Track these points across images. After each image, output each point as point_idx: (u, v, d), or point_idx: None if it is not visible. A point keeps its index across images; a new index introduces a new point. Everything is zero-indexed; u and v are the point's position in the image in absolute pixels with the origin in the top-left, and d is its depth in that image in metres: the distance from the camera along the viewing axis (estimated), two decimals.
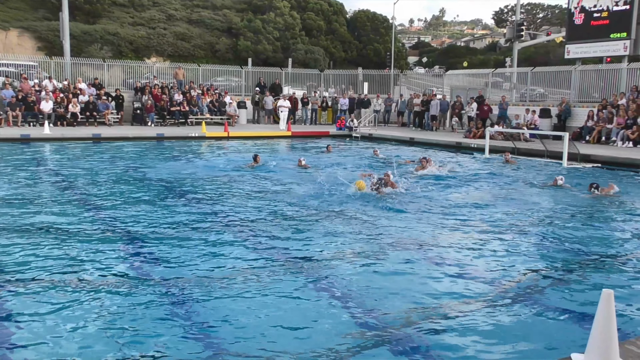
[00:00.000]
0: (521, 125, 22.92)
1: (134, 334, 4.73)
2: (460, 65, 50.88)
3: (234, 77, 33.19)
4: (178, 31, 49.37)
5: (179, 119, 26.56)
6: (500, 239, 8.05)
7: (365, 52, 55.95)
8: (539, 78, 27.77)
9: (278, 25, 51.01)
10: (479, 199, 11.05)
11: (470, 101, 26.36)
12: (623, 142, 20.03)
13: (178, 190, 11.60)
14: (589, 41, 25.17)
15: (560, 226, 9.02)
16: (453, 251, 7.37)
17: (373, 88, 34.01)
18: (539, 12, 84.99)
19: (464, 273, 6.48)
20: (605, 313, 3.29)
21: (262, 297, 5.57)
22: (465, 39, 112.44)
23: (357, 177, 12.40)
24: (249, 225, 8.54)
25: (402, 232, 8.32)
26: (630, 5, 23.39)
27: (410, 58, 71.96)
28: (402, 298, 5.64)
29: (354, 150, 20.31)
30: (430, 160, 14.90)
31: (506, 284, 6.16)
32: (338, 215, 9.40)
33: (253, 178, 13.23)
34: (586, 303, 5.50)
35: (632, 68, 23.94)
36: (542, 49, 55.85)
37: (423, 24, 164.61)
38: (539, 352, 4.50)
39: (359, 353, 4.50)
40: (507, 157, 16.67)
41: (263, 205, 10.06)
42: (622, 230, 8.83)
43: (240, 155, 18.04)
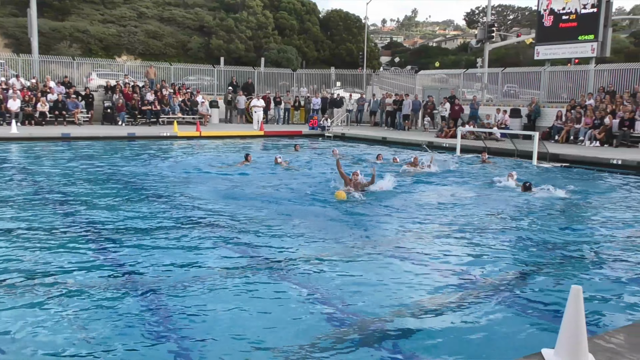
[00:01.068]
0: (492, 125, 23.22)
1: (106, 336, 4.66)
2: (433, 66, 51.38)
3: (206, 76, 32.96)
4: (149, 29, 48.81)
5: (150, 118, 26.27)
6: (470, 238, 8.14)
7: (338, 52, 56.03)
8: (509, 78, 28.18)
9: (251, 24, 50.78)
10: (452, 199, 11.17)
11: (443, 101, 26.61)
12: (590, 142, 20.44)
13: (150, 190, 11.47)
14: (557, 43, 25.61)
15: (528, 224, 9.16)
16: (425, 250, 7.43)
17: (346, 87, 34.09)
18: (510, 14, 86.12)
19: (436, 271, 6.54)
20: (574, 309, 3.35)
21: (237, 297, 5.54)
22: (437, 39, 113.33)
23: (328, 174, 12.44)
24: (225, 225, 8.49)
25: (376, 232, 8.37)
26: (598, 8, 23.89)
27: (382, 58, 72.27)
28: (375, 296, 5.66)
29: (322, 149, 20.33)
30: (417, 159, 15.28)
31: (477, 281, 6.23)
32: (314, 214, 9.41)
33: (229, 177, 13.16)
34: (556, 299, 5.60)
35: (599, 69, 24.47)
36: (512, 50, 56.66)
37: (395, 24, 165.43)
38: (510, 348, 4.57)
39: (334, 350, 4.51)
40: (484, 157, 16.86)
41: (240, 204, 10.01)
42: (588, 228, 9.01)
43: (214, 154, 17.94)
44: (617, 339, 3.74)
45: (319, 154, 18.64)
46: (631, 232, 8.70)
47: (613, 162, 15.98)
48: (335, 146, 20.46)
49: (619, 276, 6.43)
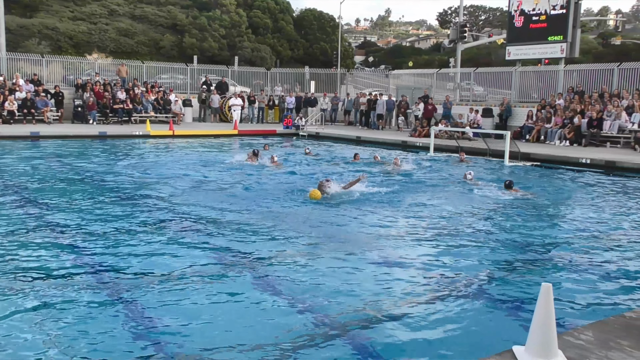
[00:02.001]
0: (465, 124, 23.47)
1: (76, 336, 4.59)
2: (406, 65, 51.69)
3: (179, 74, 32.67)
4: (121, 27, 48.13)
5: (122, 117, 25.95)
6: (442, 237, 8.22)
7: (312, 51, 55.98)
8: (481, 78, 28.51)
9: (224, 23, 50.42)
10: (426, 198, 11.25)
11: (417, 101, 26.81)
12: (560, 141, 20.79)
13: (122, 190, 11.32)
14: (528, 43, 25.99)
15: (499, 223, 9.28)
16: (398, 249, 7.48)
17: (320, 87, 34.12)
18: (481, 15, 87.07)
19: (408, 270, 6.58)
20: (544, 306, 3.40)
21: (211, 298, 5.51)
22: (411, 39, 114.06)
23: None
24: (199, 225, 8.43)
25: (350, 232, 8.39)
26: (567, 9, 24.29)
27: (356, 57, 72.44)
28: (347, 296, 5.68)
29: (293, 148, 20.33)
30: (398, 159, 15.43)
31: (448, 280, 6.29)
32: (289, 215, 9.40)
33: (203, 177, 13.08)
34: (527, 297, 5.68)
35: (568, 70, 24.91)
36: (484, 50, 57.27)
37: (369, 24, 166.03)
38: (481, 345, 4.62)
39: (307, 350, 4.52)
40: (462, 156, 17.01)
41: (216, 205, 9.95)
42: (558, 226, 9.17)
43: (186, 153, 17.79)
44: (586, 335, 3.81)
45: (291, 154, 18.60)
46: (599, 230, 8.88)
47: (582, 161, 16.29)
48: (309, 145, 20.48)
49: (587, 273, 6.56)
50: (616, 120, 20.06)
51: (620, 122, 19.96)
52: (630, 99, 20.66)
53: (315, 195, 10.30)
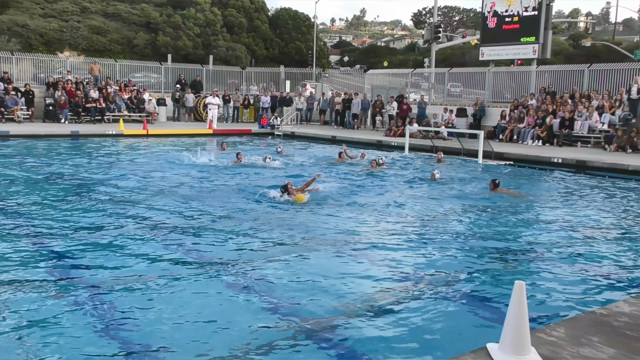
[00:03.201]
0: (439, 124, 23.66)
1: (44, 339, 4.52)
2: (381, 65, 51.91)
3: (153, 73, 32.34)
4: (93, 24, 47.45)
5: (94, 116, 25.59)
6: (417, 235, 8.28)
7: (288, 50, 55.92)
8: (455, 79, 28.76)
9: (198, 21, 50.06)
10: (402, 198, 11.32)
11: (391, 100, 26.95)
12: (533, 141, 21.09)
13: (93, 189, 11.16)
14: (501, 44, 26.33)
15: (473, 221, 9.39)
16: (373, 248, 7.51)
17: (295, 86, 34.09)
18: (455, 15, 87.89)
19: (383, 269, 6.62)
20: (517, 303, 3.45)
21: (181, 297, 5.47)
22: (386, 39, 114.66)
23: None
24: (172, 225, 8.36)
25: (325, 232, 8.40)
26: (538, 11, 24.68)
27: (332, 57, 72.55)
28: (323, 295, 5.69)
29: (255, 147, 20.30)
30: (382, 159, 15.51)
31: (423, 278, 6.34)
32: (263, 214, 9.38)
33: (179, 177, 12.97)
34: (500, 294, 5.75)
35: (540, 70, 25.28)
36: (458, 51, 57.84)
37: (344, 24, 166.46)
38: (456, 342, 4.66)
39: (281, 349, 4.51)
40: (439, 156, 17.12)
41: (186, 205, 9.88)
42: (531, 224, 9.30)
43: (160, 153, 17.63)
44: (558, 332, 3.88)
45: (257, 153, 18.54)
46: (570, 229, 9.03)
47: (554, 161, 16.56)
48: (282, 144, 20.44)
49: (559, 271, 6.67)
50: (587, 121, 20.43)
51: (591, 122, 20.33)
52: (600, 99, 21.05)
53: (300, 199, 10.27)
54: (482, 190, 12.25)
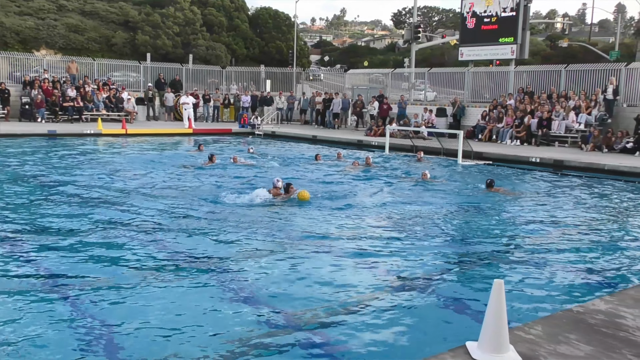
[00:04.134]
0: (419, 124, 23.78)
1: (28, 340, 4.46)
2: (361, 65, 52.06)
3: (132, 72, 32.06)
4: (70, 23, 46.88)
5: (72, 115, 25.28)
6: (397, 235, 8.32)
7: (268, 50, 55.82)
8: (435, 78, 28.94)
9: (178, 20, 49.74)
10: (382, 198, 11.36)
11: (372, 100, 27.02)
12: (512, 141, 21.31)
13: (71, 189, 11.03)
14: (480, 44, 26.51)
15: (452, 220, 9.46)
16: (352, 247, 7.52)
17: (275, 86, 34.04)
18: (435, 16, 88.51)
19: (362, 268, 6.63)
20: (496, 302, 3.48)
21: (164, 298, 5.43)
22: (366, 39, 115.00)
23: None
24: (153, 225, 8.29)
25: (303, 232, 8.39)
26: (516, 12, 24.89)
27: (312, 56, 72.57)
28: (303, 294, 5.69)
29: (232, 146, 20.25)
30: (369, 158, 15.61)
31: (403, 277, 6.37)
32: (244, 214, 9.34)
33: (158, 177, 12.88)
34: (480, 293, 5.80)
35: (518, 71, 25.54)
36: (437, 51, 58.24)
37: (325, 23, 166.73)
38: (435, 341, 4.69)
39: (258, 348, 4.50)
40: (419, 156, 17.19)
41: (168, 205, 9.81)
42: (509, 223, 9.39)
43: (138, 153, 17.49)
44: (536, 330, 3.92)
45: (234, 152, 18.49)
46: (549, 227, 9.14)
47: (532, 160, 16.75)
48: (252, 145, 20.40)
49: (537, 269, 6.74)
50: (564, 121, 20.70)
51: (568, 122, 20.61)
52: (576, 99, 21.34)
53: (304, 196, 10.24)
54: (465, 189, 12.35)
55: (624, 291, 5.06)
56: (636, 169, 14.82)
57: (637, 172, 14.68)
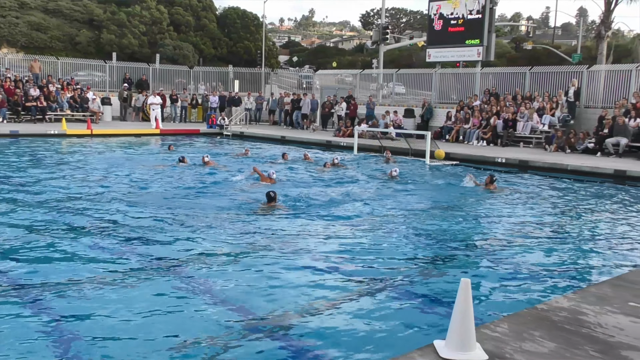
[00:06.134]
0: (388, 124, 23.94)
1: None
2: (330, 65, 52.16)
3: (98, 72, 31.54)
4: (33, 21, 45.88)
5: (35, 115, 24.75)
6: (365, 235, 8.37)
7: (236, 50, 55.51)
8: (403, 79, 29.17)
9: (144, 19, 49.11)
10: (348, 198, 11.40)
11: (340, 100, 27.11)
12: (478, 141, 21.64)
13: (34, 191, 10.79)
14: (447, 46, 26.83)
15: (421, 220, 9.55)
16: (321, 248, 7.53)
17: (244, 86, 33.91)
18: (403, 17, 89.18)
19: (330, 269, 6.64)
20: (463, 301, 3.54)
21: (131, 301, 5.37)
22: (334, 39, 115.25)
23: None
24: (115, 227, 8.18)
25: (274, 233, 8.38)
26: (482, 14, 25.29)
27: (281, 57, 72.42)
28: (271, 295, 5.68)
29: (199, 148, 20.14)
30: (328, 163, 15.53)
31: (370, 277, 6.40)
32: (214, 215, 9.29)
33: (125, 178, 12.70)
34: (447, 292, 5.88)
35: (484, 72, 25.93)
36: (405, 52, 58.65)
37: (293, 24, 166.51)
38: (403, 340, 4.74)
39: (230, 350, 4.49)
40: (388, 155, 17.30)
41: (133, 206, 9.69)
42: (477, 223, 9.54)
43: (104, 153, 17.23)
44: (502, 327, 4.00)
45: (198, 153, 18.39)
46: (514, 226, 9.31)
47: (498, 160, 17.04)
48: (207, 154, 20.30)
49: (503, 268, 6.87)
50: (528, 122, 21.10)
51: (532, 123, 21.02)
52: (540, 101, 21.78)
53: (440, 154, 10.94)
54: (432, 189, 12.49)
55: (586, 289, 5.19)
56: (597, 169, 15.21)
57: (598, 172, 15.08)
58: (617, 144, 18.02)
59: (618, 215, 10.49)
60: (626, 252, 7.89)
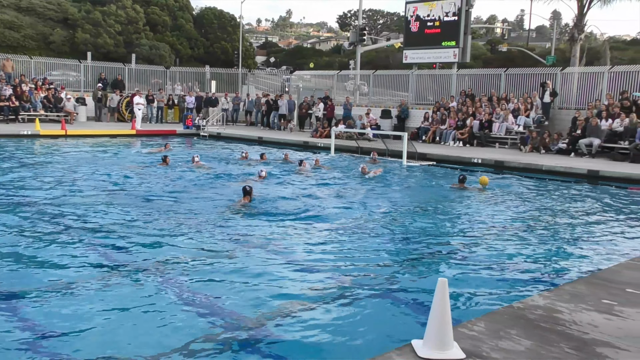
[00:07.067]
0: (365, 125, 24.01)
1: None
2: (307, 66, 52.14)
3: (72, 71, 31.11)
4: (5, 19, 45.04)
5: (8, 115, 24.30)
6: (342, 234, 8.37)
7: (213, 50, 55.17)
8: (380, 81, 29.27)
9: (120, 19, 48.54)
10: (327, 198, 11.41)
11: (317, 101, 27.12)
12: (454, 142, 21.81)
13: (7, 193, 10.60)
14: (423, 48, 27.00)
15: (397, 219, 9.59)
16: (298, 248, 7.52)
17: (221, 87, 33.75)
18: (380, 19, 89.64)
19: (308, 269, 6.63)
20: (440, 300, 3.55)
21: (107, 303, 5.29)
22: (312, 40, 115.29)
23: None
24: (91, 232, 8.06)
25: (250, 235, 8.34)
26: (458, 16, 25.49)
27: (258, 57, 72.21)
28: (247, 297, 5.65)
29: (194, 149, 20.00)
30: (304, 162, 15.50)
31: (348, 277, 6.41)
32: (191, 217, 9.21)
33: (99, 179, 12.53)
34: (425, 291, 5.90)
35: (460, 74, 26.17)
36: (382, 53, 58.88)
37: (270, 24, 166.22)
38: (382, 340, 4.74)
39: (203, 353, 4.45)
40: (374, 156, 17.30)
41: (109, 209, 9.56)
42: (453, 222, 9.60)
43: (80, 154, 16.99)
44: (479, 326, 4.02)
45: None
46: (490, 225, 9.39)
47: (474, 161, 17.19)
48: (211, 146, 20.17)
49: (479, 267, 6.92)
50: (504, 123, 21.33)
51: (508, 124, 21.25)
52: (515, 102, 22.04)
53: (484, 182, 12.53)
54: (410, 189, 12.53)
55: (561, 287, 5.25)
56: (571, 169, 15.45)
57: (572, 172, 15.31)
58: (590, 144, 18.31)
59: (592, 215, 10.65)
60: (600, 250, 8.01)
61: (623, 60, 39.55)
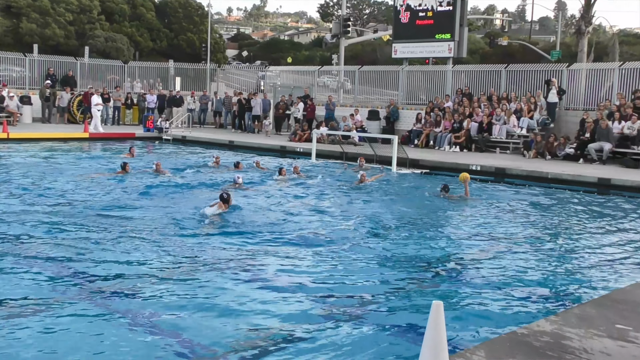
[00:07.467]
0: (350, 128, 23.97)
1: None
2: (284, 61, 52.25)
3: (16, 66, 30.77)
4: None
5: None
6: (331, 251, 8.36)
7: (178, 43, 55.04)
8: (366, 77, 29.25)
9: (71, 7, 48.25)
10: (311, 210, 11.41)
11: (296, 101, 27.05)
12: (450, 147, 21.85)
13: None
14: (415, 41, 27.05)
15: (388, 235, 9.61)
16: (285, 268, 7.50)
17: (187, 84, 33.63)
18: (366, 8, 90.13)
19: (296, 291, 6.62)
20: (434, 325, 3.55)
21: (60, 326, 5.24)
22: (289, 32, 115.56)
23: None
24: (40, 247, 7.97)
25: (231, 250, 8.30)
26: (453, 6, 25.60)
27: (229, 51, 72.20)
28: (230, 320, 5.64)
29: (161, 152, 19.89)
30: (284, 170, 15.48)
31: (338, 298, 6.41)
32: (161, 229, 9.16)
33: (47, 189, 12.41)
34: (418, 315, 5.91)
35: (456, 70, 26.27)
36: (369, 47, 59.22)
37: (243, 14, 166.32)
38: None
39: None
40: (362, 162, 17.27)
41: (60, 219, 9.46)
42: (450, 239, 9.63)
43: (25, 160, 16.80)
44: (478, 355, 4.03)
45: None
46: (490, 242, 9.45)
47: (472, 168, 17.22)
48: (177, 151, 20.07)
49: (479, 288, 6.94)
50: (505, 125, 21.47)
51: (509, 127, 21.38)
52: (517, 102, 22.17)
53: (465, 177, 12.84)
54: (402, 199, 12.58)
55: (569, 310, 5.30)
56: (580, 177, 15.55)
57: (580, 180, 15.41)
58: (600, 149, 18.48)
59: (602, 229, 10.77)
60: (611, 269, 8.09)
61: (634, 55, 40.01)
